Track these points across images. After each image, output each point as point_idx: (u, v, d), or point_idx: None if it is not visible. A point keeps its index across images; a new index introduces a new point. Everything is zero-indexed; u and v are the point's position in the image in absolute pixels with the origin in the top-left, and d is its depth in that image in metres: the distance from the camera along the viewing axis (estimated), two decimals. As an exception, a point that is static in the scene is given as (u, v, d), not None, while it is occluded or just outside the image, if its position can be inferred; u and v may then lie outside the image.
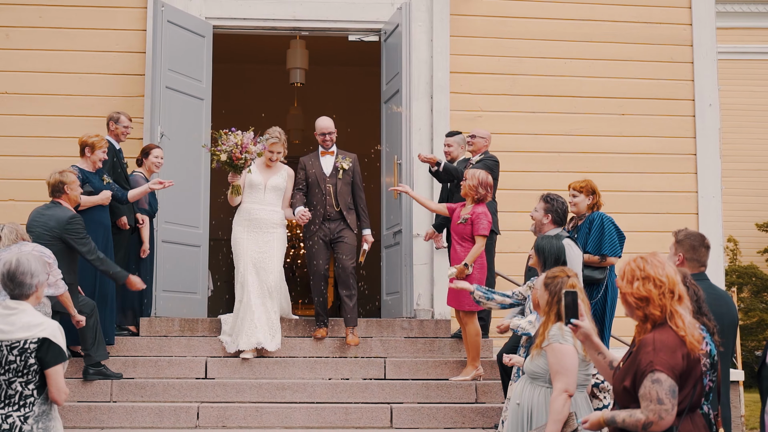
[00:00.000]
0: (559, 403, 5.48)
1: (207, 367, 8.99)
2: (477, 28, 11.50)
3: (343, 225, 9.53)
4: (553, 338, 5.64)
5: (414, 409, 8.42)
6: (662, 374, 4.37)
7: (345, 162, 9.66)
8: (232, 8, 11.34)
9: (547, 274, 5.98)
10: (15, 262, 5.19)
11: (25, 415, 5.08)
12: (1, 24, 11.00)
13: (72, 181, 8.48)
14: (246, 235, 9.30)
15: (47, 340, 5.07)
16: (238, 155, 8.94)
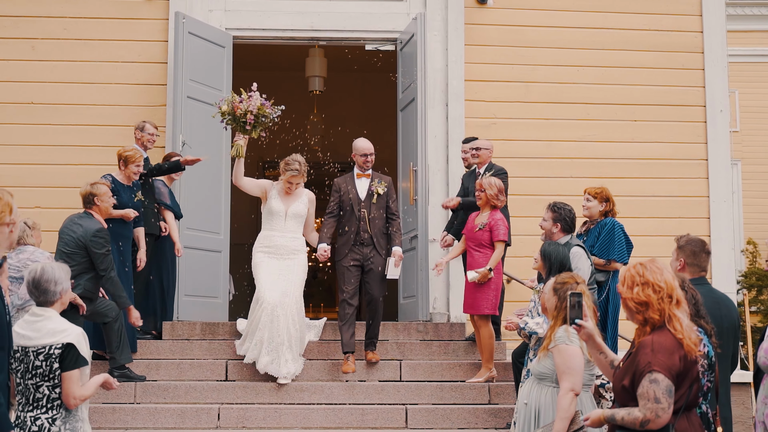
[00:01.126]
0: (566, 402, 5.72)
1: (227, 370, 9.24)
2: (491, 37, 11.71)
3: (374, 252, 9.29)
4: (560, 340, 5.89)
5: (428, 410, 8.65)
6: (660, 374, 4.59)
7: (380, 187, 9.38)
8: (252, 19, 11.63)
9: (557, 279, 6.21)
10: (40, 270, 5.44)
11: (53, 417, 5.33)
12: (27, 36, 11.30)
13: (103, 192, 8.72)
14: (267, 259, 9.13)
15: (71, 345, 5.33)
16: (239, 105, 8.74)
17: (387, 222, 9.40)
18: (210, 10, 11.52)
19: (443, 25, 11.56)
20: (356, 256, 9.25)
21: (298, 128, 17.84)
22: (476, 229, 9.12)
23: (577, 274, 6.38)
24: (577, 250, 8.02)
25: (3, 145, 11.08)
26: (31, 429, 5.27)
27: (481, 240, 9.10)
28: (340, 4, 11.78)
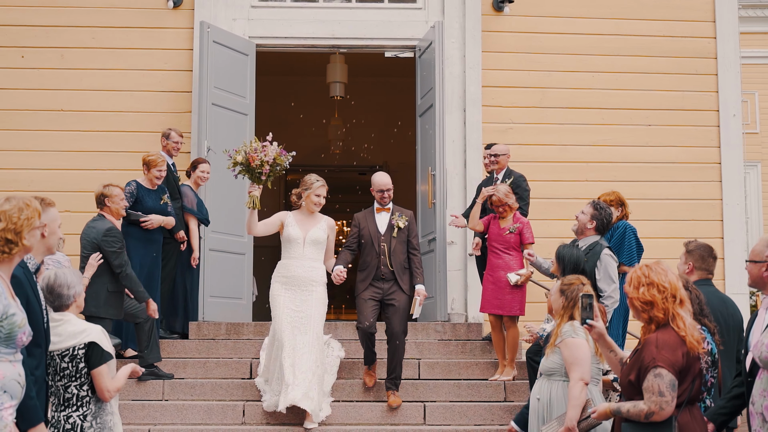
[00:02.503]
0: (577, 390, 6.04)
1: (252, 368, 9.53)
2: (507, 43, 11.96)
3: (395, 287, 8.95)
4: (566, 334, 6.20)
5: (446, 407, 8.92)
6: (663, 369, 4.86)
7: (401, 221, 9.09)
8: (275, 28, 11.94)
9: (563, 281, 6.52)
10: (53, 276, 5.76)
11: (84, 414, 5.65)
12: (56, 45, 11.62)
13: (113, 194, 9.03)
14: (284, 292, 8.70)
15: (93, 344, 5.64)
16: (255, 157, 8.28)
17: (408, 257, 9.11)
18: (234, 19, 11.83)
19: (461, 32, 11.82)
20: (376, 290, 8.95)
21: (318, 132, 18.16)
22: (506, 233, 9.41)
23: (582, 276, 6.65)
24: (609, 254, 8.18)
25: (35, 151, 11.41)
26: (65, 427, 5.58)
27: (511, 243, 9.41)
28: (360, 12, 12.08)
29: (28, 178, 11.27)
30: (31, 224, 4.62)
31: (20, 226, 4.56)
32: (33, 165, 11.40)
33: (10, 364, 4.46)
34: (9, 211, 4.57)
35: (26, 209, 4.62)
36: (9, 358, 4.46)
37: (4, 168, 11.33)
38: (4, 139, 11.44)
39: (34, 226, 4.65)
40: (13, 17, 11.58)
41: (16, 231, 4.54)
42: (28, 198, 4.74)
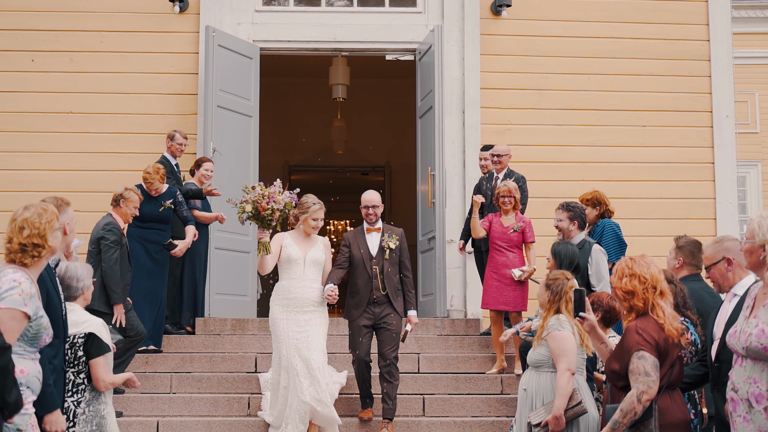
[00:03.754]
0: (564, 380, 6.33)
1: (257, 362, 9.82)
2: (505, 46, 12.23)
3: (389, 309, 8.67)
4: (552, 327, 6.50)
5: (444, 399, 9.20)
6: (646, 352, 5.18)
7: (392, 241, 8.77)
8: (278, 32, 12.24)
9: (549, 275, 6.84)
10: (64, 268, 6.10)
11: (78, 401, 5.99)
12: (66, 49, 11.92)
13: (129, 199, 9.26)
14: (285, 315, 8.42)
15: (92, 335, 5.97)
16: (264, 206, 8.05)
17: (400, 279, 8.82)
18: (238, 23, 12.12)
19: (460, 36, 12.10)
20: (369, 315, 8.66)
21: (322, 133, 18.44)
22: (510, 231, 9.73)
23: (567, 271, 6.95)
24: (599, 248, 8.62)
25: (45, 153, 11.70)
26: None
27: (515, 241, 9.76)
28: (361, 16, 12.38)
29: (38, 178, 11.55)
30: (52, 226, 4.91)
31: (43, 230, 4.85)
32: (43, 166, 11.69)
33: (32, 362, 4.76)
34: (30, 218, 4.85)
35: (45, 214, 4.90)
36: (31, 356, 4.76)
37: (15, 169, 11.61)
38: (15, 141, 11.72)
39: (55, 228, 4.94)
40: (23, 22, 11.87)
41: (40, 235, 4.83)
42: (44, 203, 5.03)
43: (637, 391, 5.19)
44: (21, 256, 4.79)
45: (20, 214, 4.87)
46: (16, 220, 4.82)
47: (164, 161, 10.60)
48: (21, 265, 4.79)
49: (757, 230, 4.89)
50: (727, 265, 5.59)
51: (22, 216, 4.85)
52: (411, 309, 8.77)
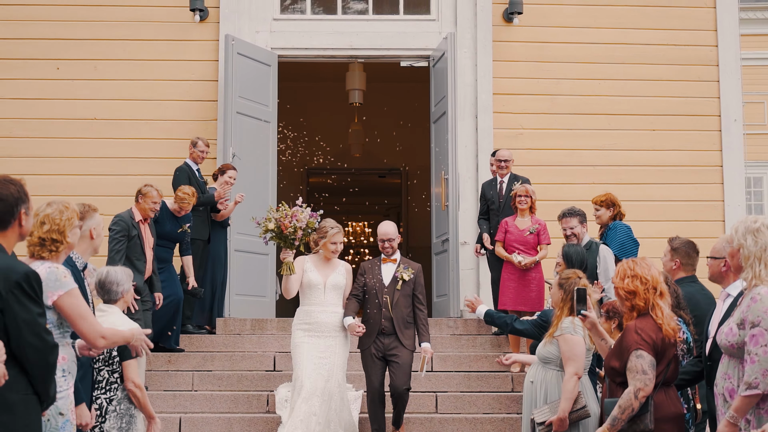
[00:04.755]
0: (571, 384, 6.60)
1: (275, 361, 10.14)
2: (518, 53, 12.52)
3: (396, 342, 8.59)
4: (566, 330, 6.75)
5: (456, 397, 9.50)
6: (644, 351, 5.47)
7: (406, 273, 8.69)
8: (295, 39, 12.57)
9: (561, 275, 7.09)
10: (105, 273, 6.43)
11: (110, 398, 6.30)
12: (90, 57, 12.27)
13: (147, 194, 9.68)
14: (306, 340, 8.36)
15: None
16: (287, 224, 8.02)
17: (413, 312, 8.73)
18: (257, 31, 12.45)
19: (473, 42, 12.39)
20: (378, 346, 8.62)
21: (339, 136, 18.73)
22: (526, 234, 10.10)
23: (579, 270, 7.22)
24: (606, 248, 8.99)
25: (69, 158, 12.05)
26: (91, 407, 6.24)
27: (531, 243, 10.15)
28: (377, 24, 12.71)
29: (64, 183, 11.88)
30: (72, 224, 5.21)
31: (63, 226, 5.15)
32: (68, 171, 12.03)
33: (68, 347, 5.06)
34: (51, 214, 5.15)
35: (66, 211, 5.21)
36: (67, 341, 5.05)
37: (41, 174, 11.89)
38: (41, 147, 12.08)
39: (74, 225, 5.24)
40: (48, 31, 12.24)
41: (59, 231, 5.13)
42: (66, 201, 5.34)
43: (634, 388, 5.48)
44: (39, 250, 5.07)
45: (42, 210, 5.15)
46: (38, 215, 5.09)
47: (186, 167, 10.92)
48: (39, 258, 5.08)
49: (735, 234, 5.18)
50: (723, 264, 5.83)
51: (44, 212, 5.14)
52: (425, 341, 8.65)
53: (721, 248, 5.81)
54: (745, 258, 5.11)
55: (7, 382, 4.20)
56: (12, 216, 4.46)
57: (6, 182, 4.48)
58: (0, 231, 4.47)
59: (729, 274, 5.75)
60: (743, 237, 5.14)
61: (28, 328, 4.28)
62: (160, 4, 12.36)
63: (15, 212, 4.46)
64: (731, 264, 5.34)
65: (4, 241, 4.46)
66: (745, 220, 5.20)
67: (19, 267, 4.34)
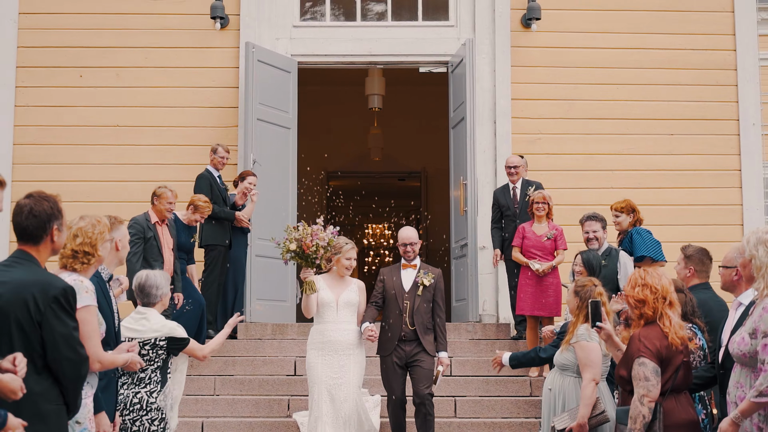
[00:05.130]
0: (589, 390, 6.71)
1: (296, 366, 10.25)
2: (536, 58, 12.60)
3: (419, 348, 8.52)
4: (581, 337, 6.86)
5: (475, 401, 9.59)
6: (646, 359, 5.59)
7: (426, 278, 8.63)
8: (315, 46, 12.70)
9: (577, 282, 7.20)
10: (145, 276, 6.64)
11: (151, 391, 6.59)
12: (112, 65, 12.43)
13: (161, 195, 9.99)
14: (320, 359, 8.25)
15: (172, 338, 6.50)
16: (309, 243, 7.93)
17: (432, 317, 8.66)
18: (277, 38, 12.59)
19: (491, 48, 12.48)
20: (399, 353, 8.56)
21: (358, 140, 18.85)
22: (544, 239, 10.21)
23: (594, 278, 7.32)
24: (626, 254, 9.11)
25: (92, 164, 12.22)
26: (132, 401, 6.50)
27: (549, 249, 10.26)
28: (395, 30, 12.81)
29: (87, 189, 12.05)
30: (104, 237, 5.37)
31: (95, 239, 5.31)
32: (91, 177, 12.21)
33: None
34: (84, 227, 5.31)
35: (98, 225, 5.37)
36: None
37: (65, 180, 12.04)
38: (65, 154, 12.26)
39: (106, 239, 5.40)
40: (72, 39, 12.41)
41: (92, 244, 5.29)
42: (98, 215, 5.50)
43: (638, 395, 5.58)
44: (72, 262, 5.24)
45: (76, 223, 5.31)
46: (71, 228, 5.24)
47: (208, 174, 11.07)
48: (71, 270, 5.24)
49: (746, 245, 5.28)
50: (735, 274, 5.91)
51: (77, 225, 5.30)
52: (442, 350, 8.61)
53: (732, 258, 5.90)
54: (757, 268, 5.21)
55: (42, 393, 4.38)
56: (44, 231, 4.61)
57: (41, 198, 4.64)
58: (33, 245, 4.63)
59: (741, 283, 5.83)
60: (755, 248, 5.24)
61: (64, 341, 4.43)
62: (181, 12, 12.51)
63: (48, 228, 4.61)
64: (743, 274, 5.43)
65: (37, 255, 4.63)
66: (757, 231, 5.30)
67: (56, 282, 4.49)
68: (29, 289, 4.41)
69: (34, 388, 4.35)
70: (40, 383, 4.40)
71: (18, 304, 4.38)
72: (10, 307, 4.38)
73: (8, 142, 12.26)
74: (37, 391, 4.38)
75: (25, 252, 4.62)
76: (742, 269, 5.43)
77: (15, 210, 4.66)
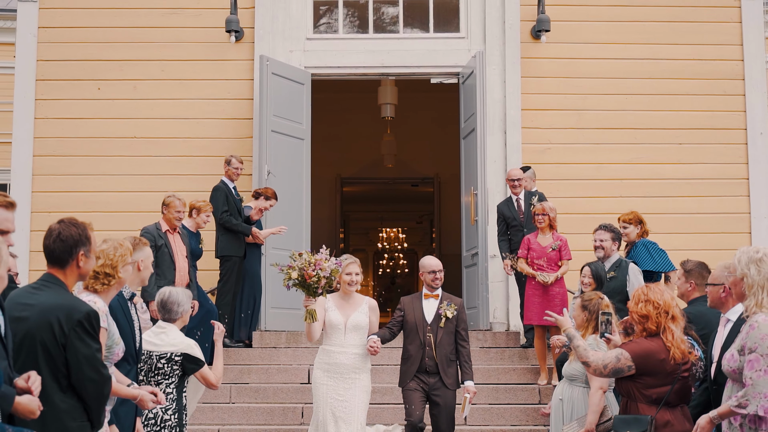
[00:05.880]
0: (597, 398, 6.96)
1: (310, 374, 10.38)
2: (546, 69, 12.78)
3: (439, 383, 8.30)
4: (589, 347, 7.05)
5: (485, 409, 9.80)
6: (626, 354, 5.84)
7: (449, 310, 8.37)
8: (328, 58, 12.93)
9: (583, 297, 7.42)
10: (167, 293, 6.86)
11: (166, 408, 6.72)
12: (129, 77, 12.69)
13: (170, 204, 10.29)
14: (326, 380, 8.02)
15: (187, 355, 6.70)
16: (311, 273, 7.68)
17: (455, 349, 8.42)
18: (290, 51, 12.81)
19: (501, 59, 12.67)
20: (421, 382, 8.33)
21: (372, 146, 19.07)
22: (549, 250, 10.40)
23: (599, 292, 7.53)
24: (635, 267, 9.29)
25: (110, 175, 12.47)
26: (147, 416, 6.66)
27: (554, 259, 10.44)
28: (407, 42, 13.04)
29: (104, 200, 12.33)
30: (125, 260, 5.61)
31: (116, 261, 5.55)
32: (109, 188, 12.46)
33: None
34: (106, 250, 5.55)
35: (120, 248, 5.61)
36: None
37: (83, 191, 12.38)
38: (83, 165, 12.52)
39: (127, 262, 5.63)
40: (91, 53, 12.66)
41: (112, 266, 5.53)
42: (121, 239, 5.74)
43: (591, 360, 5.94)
44: (93, 282, 5.48)
45: (99, 246, 5.51)
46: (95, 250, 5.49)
47: (223, 186, 11.30)
48: (92, 291, 5.48)
49: (737, 264, 5.49)
50: (723, 291, 6.10)
51: (99, 247, 5.52)
52: (468, 379, 8.36)
53: (719, 275, 6.09)
54: (749, 286, 5.43)
55: (67, 411, 4.63)
56: (71, 256, 4.83)
57: (70, 224, 4.87)
58: (60, 268, 4.85)
59: (728, 299, 6.02)
60: (747, 267, 5.45)
61: (87, 363, 4.65)
62: (197, 25, 12.74)
63: (74, 253, 4.83)
64: (734, 292, 5.64)
65: (64, 278, 4.85)
66: (748, 251, 5.51)
67: (80, 306, 4.71)
68: (54, 313, 4.62)
69: (60, 406, 4.59)
70: (66, 401, 4.62)
71: (44, 326, 4.60)
72: (37, 329, 4.60)
73: (28, 154, 12.51)
74: (63, 409, 4.60)
75: (53, 275, 4.83)
76: (733, 287, 5.63)
77: (45, 234, 4.88)
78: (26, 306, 4.69)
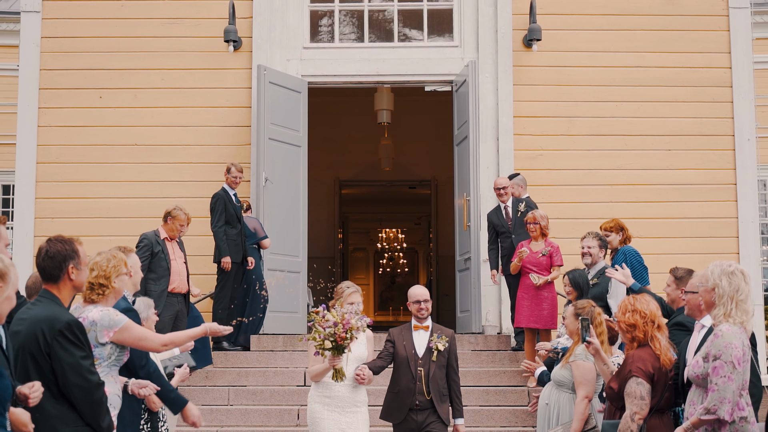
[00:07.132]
0: (582, 407, 7.27)
1: (305, 377, 10.73)
2: (537, 77, 13.04)
3: (433, 417, 7.84)
4: (578, 357, 7.40)
5: (475, 411, 10.07)
6: (641, 379, 6.06)
7: (441, 342, 7.91)
8: (324, 67, 13.20)
9: (576, 305, 7.68)
10: None
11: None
12: (130, 86, 12.96)
13: (176, 217, 10.61)
14: (328, 414, 7.60)
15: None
16: (343, 335, 7.23)
17: (447, 383, 7.98)
18: (288, 60, 13.09)
19: (494, 67, 12.93)
20: (410, 424, 7.87)
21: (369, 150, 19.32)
22: (539, 256, 10.65)
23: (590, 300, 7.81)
24: None
25: (111, 182, 12.74)
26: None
27: (544, 265, 10.69)
28: (402, 51, 13.30)
29: (106, 206, 12.63)
30: (119, 271, 5.89)
31: (109, 272, 5.83)
32: (110, 194, 12.74)
33: (113, 381, 5.71)
34: (100, 262, 5.85)
35: (113, 260, 5.90)
36: (113, 376, 5.71)
37: (85, 197, 12.66)
38: (85, 172, 12.80)
39: (121, 273, 5.92)
40: (92, 62, 12.94)
41: (106, 276, 5.81)
42: (114, 251, 6.03)
43: (631, 412, 6.06)
44: (89, 293, 5.77)
45: (92, 258, 5.82)
46: (89, 263, 5.73)
47: (223, 193, 11.55)
48: (90, 302, 5.77)
49: (710, 275, 5.81)
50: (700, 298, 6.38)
51: (93, 260, 5.82)
52: (458, 417, 8.00)
53: (695, 285, 6.36)
54: (719, 296, 5.76)
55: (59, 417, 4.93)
56: (60, 271, 5.15)
57: (56, 241, 5.19)
58: (53, 284, 5.17)
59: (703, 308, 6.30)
60: (719, 278, 5.78)
61: (72, 370, 4.93)
62: (196, 35, 13.00)
63: (63, 267, 5.15)
64: (705, 300, 5.96)
65: (58, 293, 5.16)
66: (721, 264, 5.84)
67: (62, 316, 5.01)
68: (39, 324, 4.94)
69: (51, 412, 4.90)
70: (57, 407, 4.92)
71: (31, 338, 4.92)
72: (26, 341, 4.92)
73: (32, 161, 12.79)
74: (54, 415, 4.91)
75: (48, 291, 5.16)
76: (705, 295, 5.93)
77: (37, 253, 5.21)
78: (21, 321, 5.02)
